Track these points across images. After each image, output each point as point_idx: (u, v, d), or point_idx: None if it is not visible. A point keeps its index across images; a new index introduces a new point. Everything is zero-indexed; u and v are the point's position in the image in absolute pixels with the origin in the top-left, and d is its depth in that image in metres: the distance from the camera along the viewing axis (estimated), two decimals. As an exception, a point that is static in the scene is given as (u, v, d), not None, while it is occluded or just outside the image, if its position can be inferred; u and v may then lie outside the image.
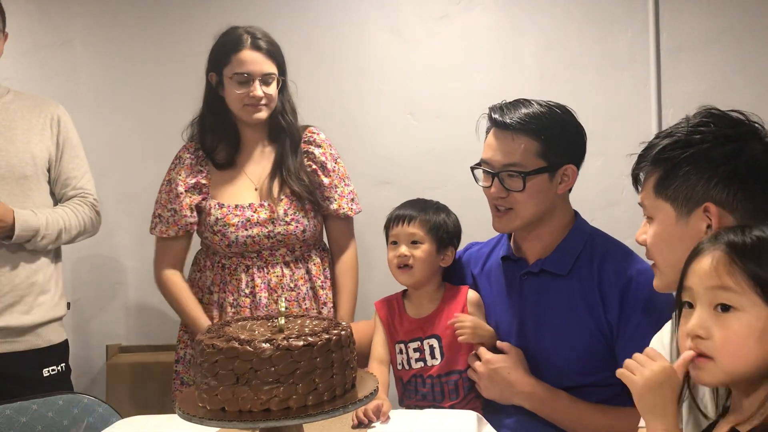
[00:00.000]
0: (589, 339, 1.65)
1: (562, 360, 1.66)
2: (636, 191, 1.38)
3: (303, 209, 2.18)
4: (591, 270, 1.68)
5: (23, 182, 2.16)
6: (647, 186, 1.32)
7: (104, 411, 1.84)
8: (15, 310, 2.13)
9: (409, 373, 1.77)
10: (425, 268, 1.77)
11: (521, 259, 1.77)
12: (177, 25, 2.91)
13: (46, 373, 2.18)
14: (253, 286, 2.15)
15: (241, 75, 2.13)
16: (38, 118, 2.23)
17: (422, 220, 1.78)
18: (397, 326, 1.80)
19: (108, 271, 2.47)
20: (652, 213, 1.31)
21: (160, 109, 2.92)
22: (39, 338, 2.18)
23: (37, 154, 2.19)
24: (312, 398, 1.23)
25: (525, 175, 1.65)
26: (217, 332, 1.30)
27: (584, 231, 1.75)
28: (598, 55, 2.79)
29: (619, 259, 1.68)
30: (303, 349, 1.22)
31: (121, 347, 2.87)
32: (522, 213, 1.69)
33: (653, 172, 1.30)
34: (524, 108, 1.69)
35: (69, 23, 2.93)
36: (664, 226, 1.28)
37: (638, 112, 2.78)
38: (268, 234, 2.14)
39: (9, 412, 1.77)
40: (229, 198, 2.18)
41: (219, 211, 2.15)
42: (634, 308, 1.60)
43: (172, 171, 2.24)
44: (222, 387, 1.22)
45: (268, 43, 2.19)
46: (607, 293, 1.64)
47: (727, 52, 2.71)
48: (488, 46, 2.83)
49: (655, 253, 1.31)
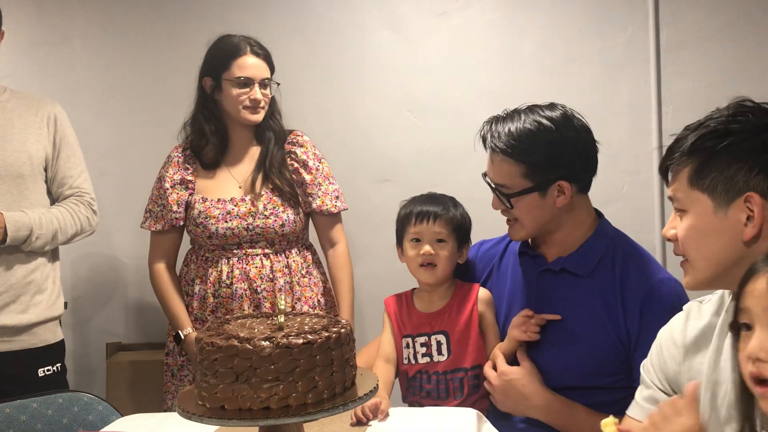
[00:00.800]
0: (606, 342, 1.63)
1: (576, 359, 1.64)
2: (666, 184, 1.33)
3: (283, 204, 2.25)
4: (613, 273, 1.66)
5: (20, 181, 2.16)
6: (680, 178, 1.26)
7: (104, 409, 1.84)
8: (11, 310, 2.12)
9: (415, 368, 1.76)
10: (448, 267, 1.76)
11: (539, 255, 1.77)
12: (176, 23, 2.91)
13: (41, 373, 2.18)
14: (232, 277, 2.23)
15: (241, 79, 2.23)
16: (35, 116, 2.22)
17: (447, 218, 1.76)
18: (406, 320, 1.80)
19: (107, 270, 2.47)
20: (685, 205, 1.25)
21: (159, 107, 2.91)
22: (35, 338, 2.17)
23: (33, 153, 2.18)
24: (312, 396, 1.23)
25: (509, 197, 1.67)
26: (216, 330, 1.29)
27: (607, 233, 1.73)
28: (597, 53, 2.78)
29: (641, 265, 1.66)
30: (303, 347, 1.21)
31: (121, 345, 2.87)
32: (526, 224, 1.70)
33: (687, 164, 1.25)
34: (512, 126, 1.66)
35: (68, 21, 2.93)
36: (701, 218, 1.23)
37: (638, 110, 2.78)
38: (247, 227, 2.22)
39: (9, 411, 1.77)
40: (213, 193, 2.28)
41: (202, 205, 2.26)
42: (656, 318, 1.54)
43: (162, 169, 2.35)
44: (221, 385, 1.22)
45: (263, 50, 2.30)
46: (629, 300, 1.62)
47: (728, 49, 2.70)
48: (488, 43, 2.83)
49: (689, 247, 1.26)
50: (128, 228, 2.95)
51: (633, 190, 2.81)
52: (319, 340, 1.23)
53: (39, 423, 1.78)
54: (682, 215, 1.26)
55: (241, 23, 2.89)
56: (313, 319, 1.37)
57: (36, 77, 2.80)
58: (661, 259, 2.77)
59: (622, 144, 2.77)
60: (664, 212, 2.76)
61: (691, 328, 1.30)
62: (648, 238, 2.79)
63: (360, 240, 2.64)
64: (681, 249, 1.27)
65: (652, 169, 2.78)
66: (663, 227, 2.81)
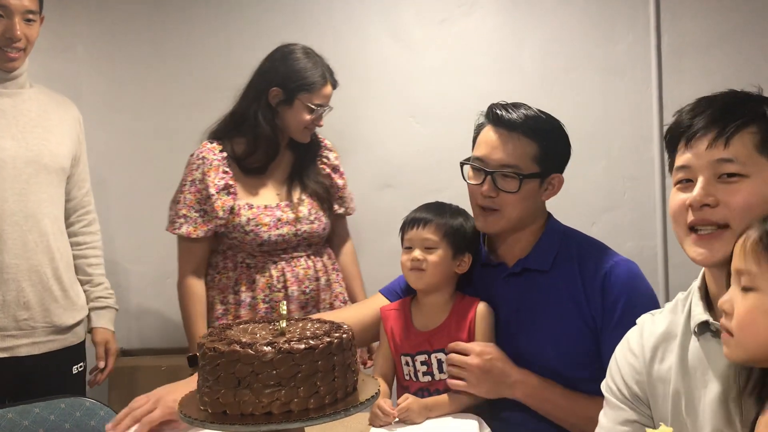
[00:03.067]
0: (576, 333, 1.65)
1: (551, 355, 1.66)
2: (669, 153, 1.28)
3: (322, 209, 2.32)
4: (572, 267, 1.69)
5: (62, 174, 2.19)
6: (745, 141, 1.18)
7: (106, 414, 1.84)
8: (64, 307, 2.19)
9: (417, 386, 1.73)
10: (437, 273, 1.71)
11: (501, 263, 1.76)
12: (178, 30, 2.92)
13: (75, 370, 2.23)
14: (285, 281, 2.24)
15: (317, 106, 2.24)
16: (66, 114, 2.25)
17: (437, 224, 1.72)
18: (404, 339, 1.74)
19: (109, 275, 2.47)
20: (749, 171, 1.18)
21: (162, 114, 2.92)
22: (74, 336, 2.24)
23: (70, 148, 2.21)
24: (313, 401, 1.23)
25: (522, 178, 1.65)
26: (218, 335, 1.30)
27: (558, 229, 1.76)
28: (599, 59, 2.79)
29: (595, 254, 1.71)
30: (304, 352, 1.21)
31: (123, 351, 2.87)
32: (508, 215, 1.68)
33: (756, 128, 1.19)
34: (525, 110, 1.69)
35: (70, 29, 2.94)
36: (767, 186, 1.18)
37: (639, 116, 2.78)
38: (296, 232, 2.25)
39: (11, 416, 1.77)
40: (255, 200, 2.26)
41: (250, 212, 2.22)
42: (617, 298, 1.63)
43: (195, 171, 2.23)
44: (223, 390, 1.22)
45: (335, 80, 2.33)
46: (589, 288, 1.66)
47: (729, 55, 2.71)
48: (489, 49, 2.83)
49: (742, 216, 1.17)
50: (131, 234, 2.95)
51: (634, 196, 2.81)
52: (321, 346, 1.23)
53: (41, 428, 1.78)
54: (741, 182, 1.18)
55: (244, 33, 2.91)
56: (315, 324, 1.37)
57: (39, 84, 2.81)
58: (662, 262, 2.77)
59: (624, 150, 2.78)
60: (665, 218, 2.76)
61: (648, 335, 1.31)
62: (650, 244, 2.79)
63: (362, 245, 2.65)
64: (727, 217, 1.19)
65: (654, 175, 2.79)
66: (665, 233, 2.83)
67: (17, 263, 2.08)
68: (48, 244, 2.14)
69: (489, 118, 1.72)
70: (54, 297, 2.15)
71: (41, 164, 2.12)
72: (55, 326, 2.16)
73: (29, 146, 2.10)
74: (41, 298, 2.12)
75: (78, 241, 2.30)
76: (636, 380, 1.31)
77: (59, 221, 2.21)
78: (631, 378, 1.31)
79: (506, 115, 1.67)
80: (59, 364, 2.20)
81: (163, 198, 3.04)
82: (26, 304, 2.10)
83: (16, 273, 2.08)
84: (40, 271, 2.12)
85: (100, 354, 2.33)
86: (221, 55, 2.89)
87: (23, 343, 2.11)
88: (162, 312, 2.98)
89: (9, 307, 2.08)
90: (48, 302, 2.14)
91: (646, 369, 1.29)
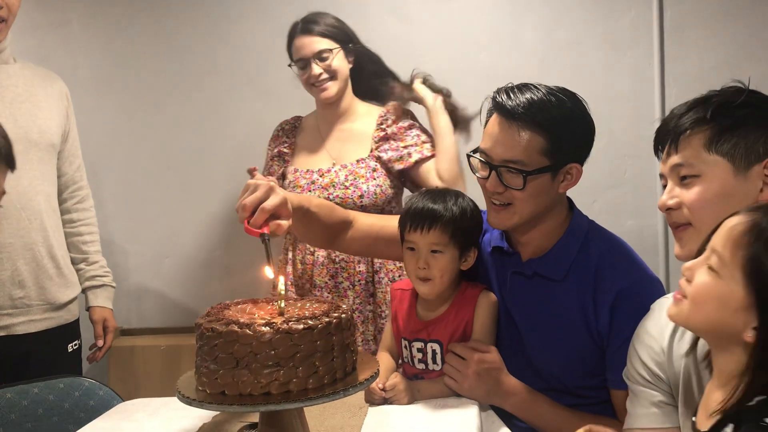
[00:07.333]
0: (581, 343, 1.58)
1: (552, 361, 1.61)
2: (658, 158, 1.39)
3: (365, 176, 2.30)
4: (587, 275, 1.58)
5: (51, 151, 2.17)
6: (693, 144, 1.29)
7: (105, 394, 1.84)
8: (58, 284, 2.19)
9: (412, 371, 1.71)
10: (446, 279, 1.64)
11: (515, 253, 1.66)
12: (176, 7, 2.88)
13: (70, 348, 2.24)
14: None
15: (299, 60, 2.35)
16: (51, 88, 2.22)
17: (443, 225, 1.61)
18: (405, 323, 1.72)
19: (108, 255, 2.47)
20: (700, 170, 1.29)
21: (159, 92, 2.90)
22: (69, 313, 2.24)
23: (59, 124, 2.19)
24: (312, 381, 1.22)
25: (526, 175, 1.52)
26: (216, 316, 1.29)
27: (581, 228, 1.63)
28: (600, 35, 2.76)
29: (616, 266, 1.58)
30: (303, 332, 1.21)
31: (122, 330, 2.87)
32: (521, 211, 1.57)
33: (703, 130, 1.29)
34: (532, 95, 1.53)
35: (67, 3, 2.90)
36: (719, 180, 1.27)
37: (641, 92, 2.76)
38: (327, 197, 2.26)
39: (10, 395, 1.77)
40: (304, 164, 2.38)
41: (293, 175, 2.36)
42: (628, 320, 1.49)
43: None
44: (222, 371, 1.21)
45: (318, 25, 2.38)
46: (600, 302, 1.55)
47: (731, 31, 2.68)
48: (490, 25, 2.80)
49: (701, 213, 1.28)
50: (129, 213, 2.94)
51: (635, 174, 2.79)
52: (320, 326, 1.22)
53: (40, 408, 1.79)
54: (693, 182, 1.29)
55: (243, 11, 2.87)
56: (314, 304, 1.36)
57: (34, 60, 2.77)
58: (663, 241, 2.76)
59: (625, 127, 2.76)
60: (666, 196, 2.75)
61: (666, 317, 1.30)
62: (650, 222, 2.78)
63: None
64: (688, 216, 1.30)
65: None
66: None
67: (11, 242, 2.07)
68: (42, 221, 2.13)
69: (494, 104, 1.58)
70: (48, 275, 2.15)
71: (31, 141, 2.10)
72: (50, 303, 2.16)
73: (18, 123, 2.08)
74: (36, 276, 2.12)
75: (72, 218, 2.28)
76: (656, 361, 1.32)
77: (52, 198, 2.19)
78: (651, 360, 1.32)
79: (509, 103, 1.53)
80: (55, 343, 2.19)
81: (160, 176, 3.02)
82: (21, 283, 2.09)
83: (11, 251, 2.07)
84: (35, 249, 2.11)
85: (99, 332, 2.33)
86: (220, 33, 2.86)
87: (20, 321, 2.11)
88: (161, 291, 2.97)
89: (4, 286, 2.07)
90: (43, 280, 2.13)
91: (666, 349, 1.30)
